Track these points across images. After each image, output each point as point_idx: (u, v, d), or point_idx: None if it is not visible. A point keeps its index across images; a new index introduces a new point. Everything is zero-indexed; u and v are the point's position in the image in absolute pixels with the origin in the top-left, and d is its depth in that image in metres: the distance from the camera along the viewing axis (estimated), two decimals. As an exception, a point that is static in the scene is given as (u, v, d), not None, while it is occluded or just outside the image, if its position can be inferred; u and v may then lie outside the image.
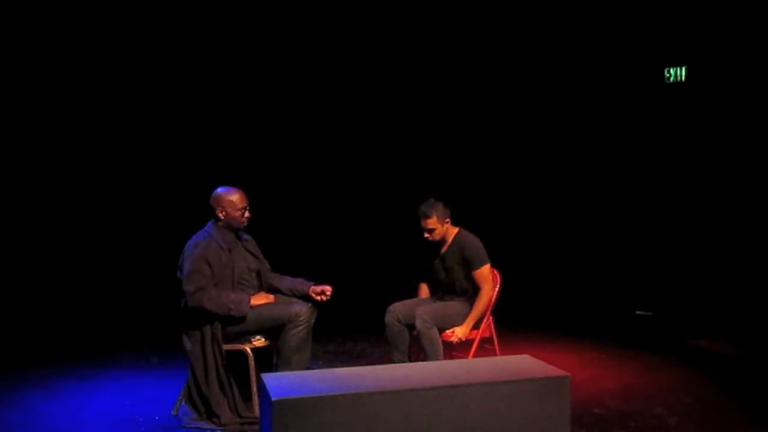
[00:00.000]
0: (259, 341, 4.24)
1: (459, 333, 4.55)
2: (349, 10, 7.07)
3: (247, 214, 4.29)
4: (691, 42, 6.77)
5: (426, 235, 4.63)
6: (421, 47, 7.34)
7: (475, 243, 4.66)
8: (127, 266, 6.86)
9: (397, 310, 4.63)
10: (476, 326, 4.65)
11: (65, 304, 6.64)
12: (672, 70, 6.90)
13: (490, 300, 4.63)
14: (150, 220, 6.89)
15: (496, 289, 4.68)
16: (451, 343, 4.56)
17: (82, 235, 6.89)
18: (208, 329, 4.09)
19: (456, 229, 4.72)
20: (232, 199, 4.24)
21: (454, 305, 4.66)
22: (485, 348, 4.73)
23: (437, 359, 4.41)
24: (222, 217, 4.24)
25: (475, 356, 4.55)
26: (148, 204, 6.93)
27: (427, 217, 4.57)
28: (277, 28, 7.09)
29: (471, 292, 4.66)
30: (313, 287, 4.39)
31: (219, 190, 4.27)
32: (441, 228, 4.61)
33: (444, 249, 4.71)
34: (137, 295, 6.65)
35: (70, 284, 6.74)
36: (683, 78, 6.85)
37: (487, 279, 4.61)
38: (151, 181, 6.98)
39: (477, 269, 4.61)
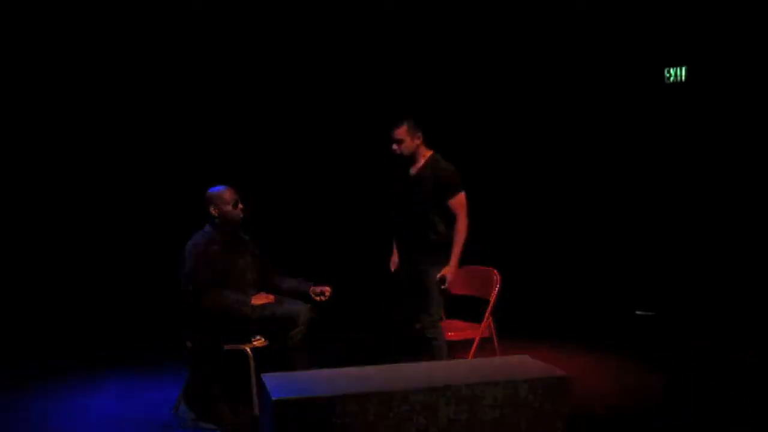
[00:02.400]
0: (259, 341, 4.24)
1: (449, 276, 4.33)
2: (348, 9, 7.07)
3: (240, 206, 4.31)
4: (691, 42, 6.78)
5: (394, 146, 4.33)
6: (421, 47, 7.33)
7: (450, 168, 4.34)
8: (127, 266, 6.85)
9: (400, 320, 4.54)
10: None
11: (65, 304, 6.63)
12: (672, 70, 6.91)
13: (467, 227, 4.34)
14: (150, 220, 6.88)
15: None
16: (452, 343, 4.55)
17: (83, 235, 6.87)
18: (208, 329, 4.09)
19: (430, 152, 4.42)
20: (220, 194, 4.27)
21: (428, 274, 4.40)
22: (485, 348, 4.73)
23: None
24: (216, 214, 4.26)
25: (475, 356, 4.55)
26: (148, 204, 6.92)
27: (397, 126, 4.29)
28: (275, 28, 7.08)
29: (443, 228, 4.37)
30: (312, 287, 4.41)
31: (209, 190, 4.32)
32: (411, 142, 4.32)
33: (416, 171, 4.41)
34: (137, 295, 6.64)
35: (71, 284, 6.73)
36: (683, 78, 6.86)
37: (463, 206, 4.31)
38: (151, 182, 6.97)
39: (452, 197, 4.31)
